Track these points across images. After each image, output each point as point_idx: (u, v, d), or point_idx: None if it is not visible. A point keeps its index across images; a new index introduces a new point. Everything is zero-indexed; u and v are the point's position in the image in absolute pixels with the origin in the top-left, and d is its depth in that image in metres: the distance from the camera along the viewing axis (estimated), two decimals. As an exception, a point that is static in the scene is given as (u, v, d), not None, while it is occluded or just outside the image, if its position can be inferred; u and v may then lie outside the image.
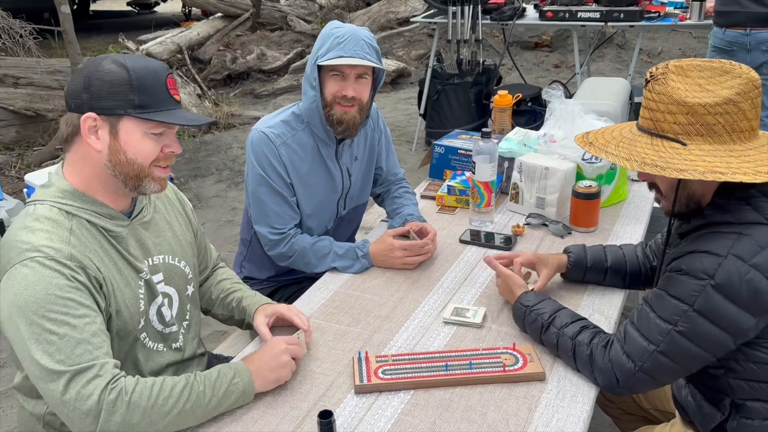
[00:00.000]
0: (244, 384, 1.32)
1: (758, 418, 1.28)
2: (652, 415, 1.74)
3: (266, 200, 1.88)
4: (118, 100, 1.26)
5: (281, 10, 8.61)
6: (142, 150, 1.30)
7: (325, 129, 1.88)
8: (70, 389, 1.17)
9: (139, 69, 1.27)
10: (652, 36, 7.59)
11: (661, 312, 1.26)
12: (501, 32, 7.12)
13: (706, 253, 1.20)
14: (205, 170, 5.07)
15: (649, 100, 1.27)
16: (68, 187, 1.31)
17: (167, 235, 1.48)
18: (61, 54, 7.07)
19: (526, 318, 1.51)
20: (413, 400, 1.35)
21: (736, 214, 1.22)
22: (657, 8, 4.53)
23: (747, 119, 1.21)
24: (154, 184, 1.34)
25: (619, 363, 1.31)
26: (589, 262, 1.69)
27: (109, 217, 1.34)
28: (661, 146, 1.24)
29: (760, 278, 1.16)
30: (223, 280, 1.70)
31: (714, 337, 1.21)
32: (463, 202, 2.21)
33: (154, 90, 1.28)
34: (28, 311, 1.18)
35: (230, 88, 7.34)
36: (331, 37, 1.78)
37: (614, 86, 2.87)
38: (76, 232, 1.28)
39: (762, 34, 3.44)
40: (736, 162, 1.19)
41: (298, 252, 1.89)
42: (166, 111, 1.29)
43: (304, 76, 1.87)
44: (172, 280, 1.47)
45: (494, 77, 4.95)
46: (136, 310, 1.37)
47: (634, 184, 2.34)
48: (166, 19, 10.36)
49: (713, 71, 1.23)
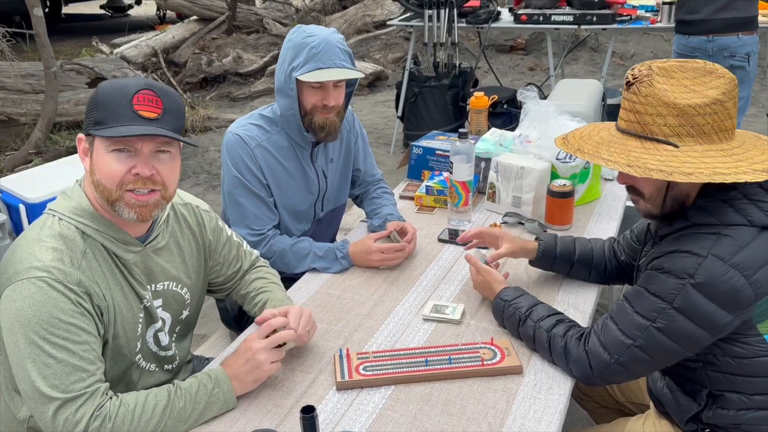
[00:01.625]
0: (224, 393, 1.33)
1: (734, 408, 1.32)
2: (626, 408, 1.79)
3: (243, 202, 1.89)
4: (88, 119, 1.27)
5: (257, 13, 8.59)
6: (105, 169, 1.25)
7: (301, 133, 1.90)
8: (59, 416, 1.19)
9: (107, 86, 1.27)
10: (624, 39, 7.73)
11: (640, 308, 1.29)
12: (476, 35, 7.18)
13: (688, 253, 1.23)
14: (182, 174, 4.98)
15: (635, 103, 1.27)
16: (88, 207, 1.31)
17: (176, 261, 1.47)
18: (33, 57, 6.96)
19: (504, 312, 1.54)
20: (394, 395, 1.37)
21: (718, 216, 1.24)
22: (629, 11, 4.62)
23: (730, 118, 1.25)
24: (128, 210, 1.27)
25: (595, 354, 1.34)
26: (558, 251, 1.73)
27: (123, 242, 1.34)
28: (655, 149, 1.25)
29: (739, 277, 1.19)
30: (258, 278, 1.67)
31: (691, 334, 1.25)
32: (441, 202, 2.24)
33: (113, 105, 1.24)
34: (29, 330, 1.19)
35: (206, 91, 7.30)
36: (306, 48, 1.77)
37: (587, 87, 2.93)
38: (88, 255, 1.28)
39: (723, 39, 3.57)
40: (732, 162, 1.21)
41: (277, 253, 1.90)
42: (119, 126, 1.23)
43: (276, 83, 1.87)
44: (170, 306, 1.47)
45: (470, 80, 5.01)
46: (133, 335, 1.37)
47: (607, 183, 2.39)
48: (141, 22, 10.27)
49: (696, 72, 1.25)
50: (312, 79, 1.77)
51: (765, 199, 1.24)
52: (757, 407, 1.30)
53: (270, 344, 1.37)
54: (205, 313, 3.23)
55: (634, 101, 1.27)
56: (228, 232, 1.65)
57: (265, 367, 1.36)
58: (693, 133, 1.23)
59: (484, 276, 1.65)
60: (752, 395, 1.30)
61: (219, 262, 1.62)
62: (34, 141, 5.06)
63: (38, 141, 5.08)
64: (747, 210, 1.23)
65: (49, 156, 4.99)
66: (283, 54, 1.84)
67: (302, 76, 1.77)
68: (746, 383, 1.29)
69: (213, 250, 1.59)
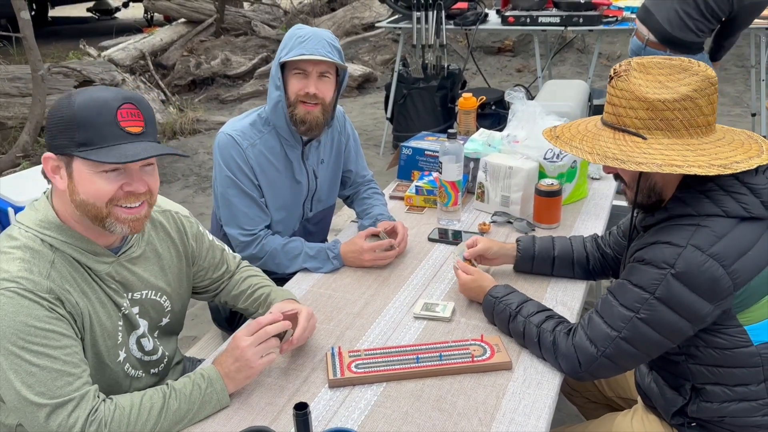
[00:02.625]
0: (217, 393, 1.34)
1: (717, 401, 1.35)
2: (615, 403, 1.81)
3: (235, 202, 1.90)
4: (65, 138, 1.21)
5: (245, 16, 8.58)
6: (92, 190, 1.22)
7: (290, 130, 1.91)
8: (51, 421, 1.18)
9: (85, 103, 1.20)
10: (611, 40, 7.79)
11: (624, 300, 1.32)
12: (465, 37, 7.22)
13: (667, 243, 1.27)
14: (171, 176, 5.03)
15: (612, 96, 1.33)
16: (54, 220, 1.28)
17: (154, 270, 1.46)
18: (19, 60, 6.93)
19: (495, 308, 1.56)
20: (386, 392, 1.39)
21: (695, 207, 1.28)
22: (615, 13, 4.67)
23: (704, 114, 1.28)
24: (120, 225, 1.26)
25: (582, 348, 1.37)
26: (536, 250, 1.76)
27: (93, 253, 1.31)
28: (623, 140, 1.30)
29: (717, 267, 1.23)
30: (251, 276, 1.68)
31: (674, 324, 1.28)
32: (431, 202, 2.26)
33: (98, 124, 1.19)
34: (5, 341, 1.17)
35: (195, 93, 7.29)
36: (294, 38, 1.83)
37: (574, 88, 2.96)
38: (57, 265, 1.26)
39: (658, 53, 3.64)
40: (692, 155, 1.25)
41: (269, 253, 1.91)
42: (111, 147, 1.20)
43: (270, 78, 1.90)
44: (147, 314, 1.46)
45: (459, 81, 5.04)
46: (113, 342, 1.37)
47: (594, 183, 2.42)
48: (128, 25, 10.22)
49: (672, 68, 1.29)
50: (292, 59, 1.80)
51: (741, 191, 1.27)
52: (739, 399, 1.33)
53: (257, 340, 1.36)
54: (196, 315, 3.24)
55: (613, 94, 1.33)
56: (209, 237, 1.65)
57: (254, 363, 1.36)
58: (662, 126, 1.28)
59: (474, 275, 1.67)
60: (734, 386, 1.33)
61: (204, 267, 1.61)
62: (22, 144, 5.03)
63: (26, 144, 5.05)
64: (723, 201, 1.27)
65: (37, 159, 4.97)
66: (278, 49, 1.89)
67: (284, 59, 1.81)
68: (727, 375, 1.32)
69: (197, 256, 1.58)
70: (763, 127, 4.81)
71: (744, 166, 1.24)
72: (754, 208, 1.26)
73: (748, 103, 5.36)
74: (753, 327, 1.29)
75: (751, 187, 1.27)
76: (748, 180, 1.27)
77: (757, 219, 1.26)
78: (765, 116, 4.71)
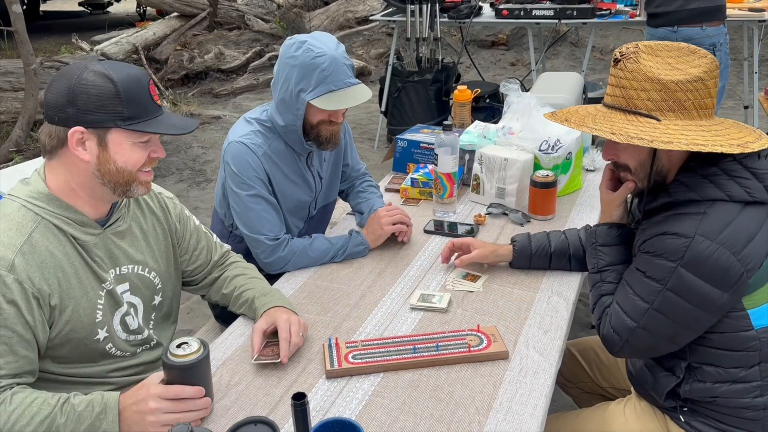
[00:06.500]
0: (108, 423, 1.22)
1: (710, 381, 1.36)
2: (609, 394, 1.82)
3: (258, 209, 1.87)
4: (107, 113, 1.28)
5: (239, 9, 8.54)
6: (132, 159, 1.33)
7: (301, 144, 1.91)
8: None
9: (124, 79, 1.28)
10: (604, 33, 7.81)
11: (640, 292, 1.34)
12: (459, 31, 7.21)
13: (675, 235, 1.27)
14: (165, 170, 5.02)
15: (621, 78, 1.32)
16: (44, 190, 1.33)
17: (140, 245, 1.49)
18: (11, 55, 6.89)
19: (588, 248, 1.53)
20: (383, 382, 1.40)
21: (699, 191, 1.29)
22: (608, 6, 4.67)
23: (710, 96, 1.29)
24: (141, 187, 1.38)
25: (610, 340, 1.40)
26: (533, 248, 1.77)
27: (81, 224, 1.35)
28: (637, 121, 1.30)
29: (728, 255, 1.23)
30: (237, 276, 1.68)
31: (689, 314, 1.28)
32: (426, 194, 2.27)
33: (140, 100, 1.30)
34: None
35: (188, 87, 7.26)
36: (316, 70, 1.75)
37: (569, 80, 2.96)
38: (35, 238, 1.28)
39: (687, 30, 3.66)
40: (710, 136, 1.26)
41: (297, 253, 1.88)
42: (153, 119, 1.32)
43: (279, 97, 1.85)
44: (139, 290, 1.47)
45: (453, 75, 5.04)
46: (91, 320, 1.37)
47: (589, 174, 2.43)
48: (121, 19, 10.18)
49: (680, 51, 1.30)
50: (329, 107, 1.78)
51: (744, 175, 1.28)
52: (732, 380, 1.34)
53: (168, 394, 1.22)
54: (191, 309, 3.24)
55: (620, 77, 1.32)
56: (195, 221, 1.67)
57: (149, 418, 1.21)
58: (674, 108, 1.28)
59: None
60: (729, 368, 1.34)
61: (187, 250, 1.63)
62: (15, 139, 5.01)
63: (19, 139, 5.03)
64: (727, 186, 1.27)
65: (30, 154, 4.95)
66: (286, 70, 1.80)
67: (316, 101, 1.78)
68: (725, 356, 1.33)
69: (180, 237, 1.60)
70: (756, 120, 4.84)
71: (757, 146, 1.25)
72: (757, 192, 1.26)
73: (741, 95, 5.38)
74: (754, 311, 1.30)
75: (753, 171, 1.28)
76: (751, 164, 1.28)
77: (760, 203, 1.27)
78: (758, 108, 4.73)
